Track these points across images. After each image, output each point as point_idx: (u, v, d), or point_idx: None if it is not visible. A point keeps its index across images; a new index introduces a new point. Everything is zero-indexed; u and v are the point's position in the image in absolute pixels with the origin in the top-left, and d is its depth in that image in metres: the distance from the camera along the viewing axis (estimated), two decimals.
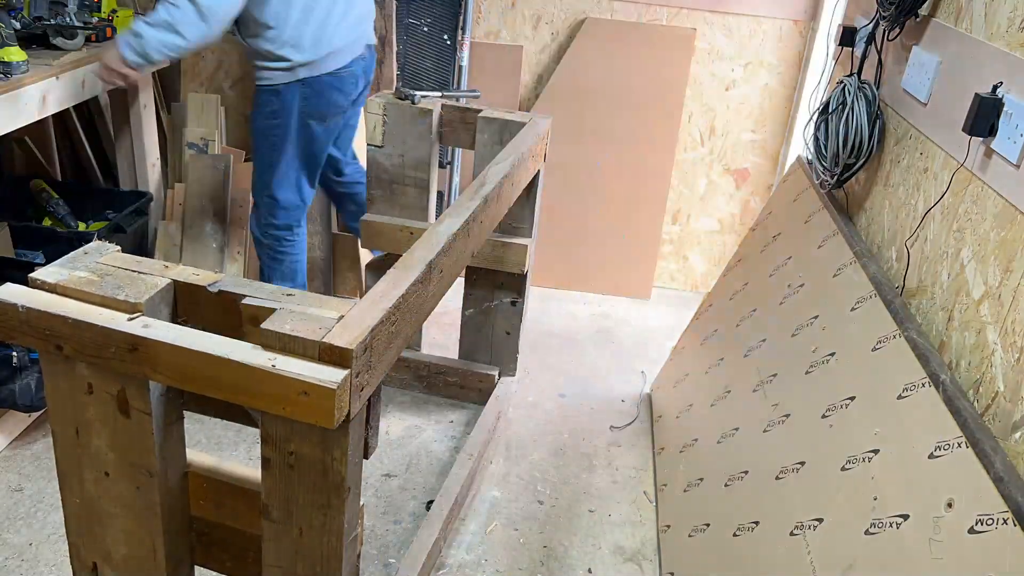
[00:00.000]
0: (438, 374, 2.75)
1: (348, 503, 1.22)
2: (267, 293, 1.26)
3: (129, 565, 1.35)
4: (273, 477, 1.22)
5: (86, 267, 1.25)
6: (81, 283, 1.19)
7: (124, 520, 1.32)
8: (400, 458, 2.43)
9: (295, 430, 1.16)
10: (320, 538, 1.24)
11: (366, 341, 1.15)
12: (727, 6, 3.15)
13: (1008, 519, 1.08)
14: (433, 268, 1.46)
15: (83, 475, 1.30)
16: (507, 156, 2.06)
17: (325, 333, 1.13)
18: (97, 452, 1.27)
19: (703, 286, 3.62)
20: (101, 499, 1.31)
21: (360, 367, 1.15)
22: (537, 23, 3.28)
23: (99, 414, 1.24)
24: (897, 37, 1.97)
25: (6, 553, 1.96)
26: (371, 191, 2.53)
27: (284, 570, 1.29)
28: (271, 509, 1.25)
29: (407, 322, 1.36)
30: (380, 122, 2.42)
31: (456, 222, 1.62)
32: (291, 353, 1.13)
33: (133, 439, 1.24)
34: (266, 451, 1.20)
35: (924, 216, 1.71)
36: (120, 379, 1.19)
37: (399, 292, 1.30)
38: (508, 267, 2.50)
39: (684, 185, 3.48)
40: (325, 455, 1.17)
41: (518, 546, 2.16)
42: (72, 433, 1.27)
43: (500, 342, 2.70)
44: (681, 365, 2.67)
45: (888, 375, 1.49)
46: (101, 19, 2.66)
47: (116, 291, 1.18)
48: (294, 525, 1.25)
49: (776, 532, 1.60)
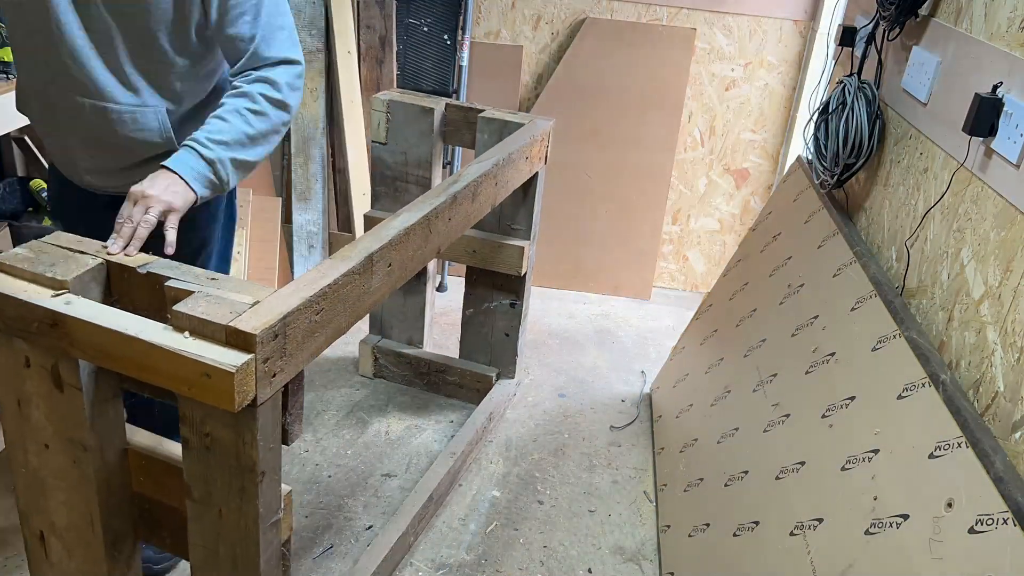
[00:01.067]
0: (439, 372, 2.75)
1: (263, 488, 1.23)
2: (193, 277, 1.28)
3: (71, 535, 1.39)
4: (192, 458, 1.25)
5: (31, 247, 1.27)
6: (17, 259, 1.22)
7: (64, 492, 1.35)
8: (400, 458, 2.43)
9: (209, 412, 1.19)
10: (238, 521, 1.26)
11: (276, 327, 1.17)
12: (727, 6, 3.15)
13: (1008, 519, 1.08)
14: (376, 260, 1.46)
15: (27, 446, 1.34)
16: (491, 155, 2.06)
17: (234, 318, 1.15)
18: (37, 425, 1.30)
19: (703, 286, 3.62)
20: (42, 470, 1.34)
21: (269, 353, 1.16)
22: (537, 23, 3.28)
23: (36, 388, 1.27)
24: (897, 37, 1.97)
25: (6, 553, 1.96)
26: (375, 187, 2.55)
27: (208, 550, 1.32)
28: (193, 489, 1.28)
29: (338, 312, 1.36)
30: (384, 119, 2.43)
31: (412, 217, 1.62)
32: (201, 336, 1.16)
33: (66, 414, 1.27)
34: (184, 431, 1.23)
35: (924, 216, 1.71)
36: (53, 354, 1.22)
37: (326, 281, 1.31)
38: (505, 268, 2.50)
39: (684, 185, 3.48)
40: (237, 439, 1.19)
41: (518, 546, 2.16)
42: (15, 405, 1.31)
43: (499, 343, 2.70)
44: (681, 365, 2.67)
45: (888, 375, 1.49)
46: None
47: (47, 268, 1.21)
48: (214, 506, 1.27)
49: (776, 532, 1.60)
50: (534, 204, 2.45)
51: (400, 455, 2.45)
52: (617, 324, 3.35)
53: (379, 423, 2.58)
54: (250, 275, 3.10)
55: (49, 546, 1.41)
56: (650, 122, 3.29)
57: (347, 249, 1.44)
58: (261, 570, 1.30)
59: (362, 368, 2.82)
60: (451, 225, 1.81)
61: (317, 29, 3.02)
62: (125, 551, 1.43)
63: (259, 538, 1.26)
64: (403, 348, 2.78)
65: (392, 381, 2.80)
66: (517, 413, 2.71)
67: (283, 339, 1.20)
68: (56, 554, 1.42)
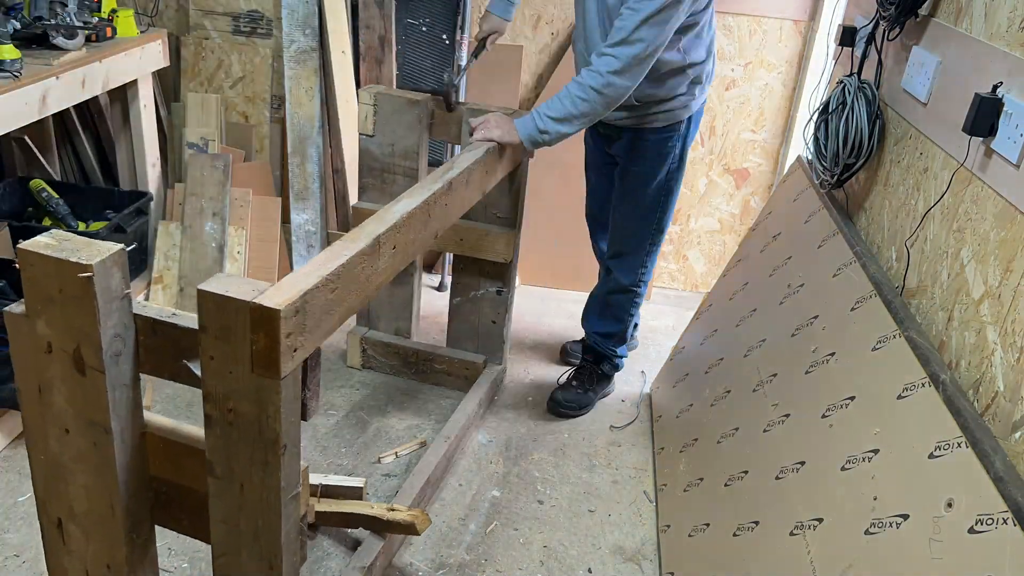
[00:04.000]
0: (426, 361, 2.78)
1: (285, 460, 1.29)
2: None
3: (90, 520, 1.41)
4: (215, 434, 1.29)
5: (52, 235, 1.30)
6: (40, 247, 1.26)
7: (84, 476, 1.37)
8: (400, 458, 2.43)
9: (233, 388, 1.24)
10: (260, 494, 1.31)
11: (297, 303, 1.23)
12: (727, 6, 3.14)
13: (1008, 519, 1.08)
14: (382, 243, 1.53)
15: (47, 432, 1.36)
16: (482, 144, 2.14)
17: (257, 295, 1.20)
18: (58, 409, 1.33)
19: (703, 286, 3.62)
20: (63, 455, 1.37)
21: (291, 328, 1.22)
22: (537, 23, 3.28)
23: (58, 372, 1.29)
24: (897, 37, 1.97)
25: (6, 553, 1.96)
26: (362, 179, 2.59)
27: (228, 525, 1.36)
28: (215, 466, 1.32)
29: (351, 291, 1.43)
30: (371, 112, 2.47)
31: (413, 202, 1.70)
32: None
33: (89, 397, 1.29)
34: (208, 408, 1.28)
35: (924, 216, 1.71)
36: (75, 337, 1.25)
37: (340, 261, 1.38)
38: (493, 256, 2.56)
39: (684, 185, 3.46)
40: (260, 412, 1.24)
41: (518, 546, 2.16)
42: (35, 391, 1.33)
43: (487, 330, 2.74)
44: (681, 365, 2.67)
45: (888, 375, 1.49)
46: (101, 19, 2.66)
47: (71, 254, 1.24)
48: (236, 481, 1.32)
49: (776, 532, 1.60)
50: (520, 192, 2.51)
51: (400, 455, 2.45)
52: None
53: (378, 421, 2.58)
54: (250, 275, 3.10)
55: (67, 532, 1.44)
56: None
57: (354, 232, 1.50)
58: (283, 542, 1.34)
59: (350, 359, 2.84)
60: (447, 211, 1.88)
61: (311, 28, 3.02)
62: (142, 535, 1.45)
63: (281, 510, 1.31)
64: (391, 338, 2.80)
65: (380, 372, 2.82)
66: (517, 412, 2.71)
67: (303, 315, 1.26)
68: (75, 540, 1.44)
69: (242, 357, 1.22)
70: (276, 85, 3.23)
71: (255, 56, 3.21)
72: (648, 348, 3.17)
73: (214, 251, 2.96)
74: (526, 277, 3.56)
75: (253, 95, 3.25)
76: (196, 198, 2.96)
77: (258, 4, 3.19)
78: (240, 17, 3.21)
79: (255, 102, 3.26)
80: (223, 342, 1.22)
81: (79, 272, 1.20)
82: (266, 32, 3.22)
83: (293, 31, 3.01)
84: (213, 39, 3.23)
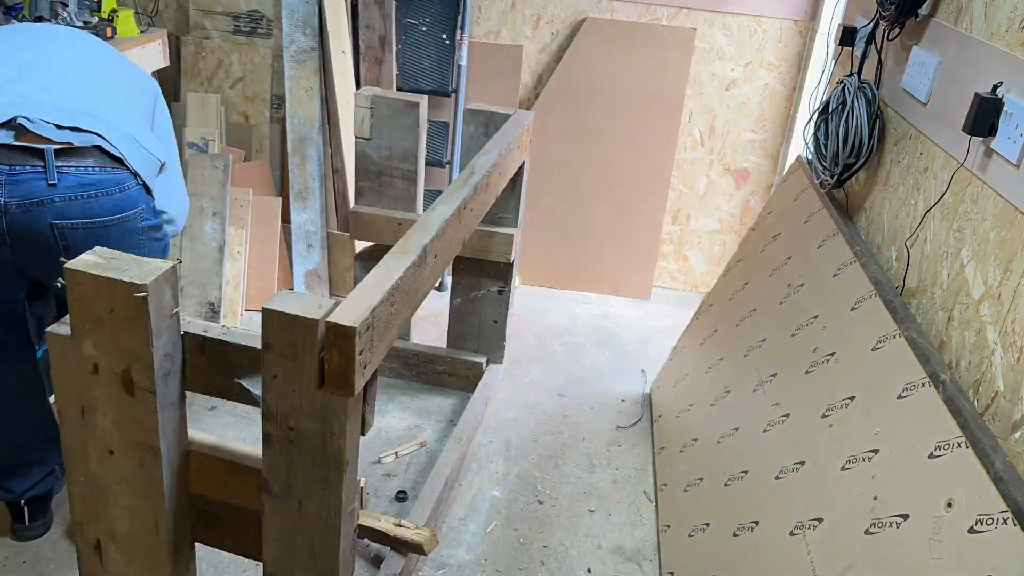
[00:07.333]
0: (427, 362, 2.78)
1: (346, 476, 1.27)
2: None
3: (132, 541, 1.39)
4: (274, 452, 1.27)
5: (97, 253, 1.27)
6: (89, 266, 1.23)
7: (127, 497, 1.35)
8: (400, 458, 2.43)
9: (295, 406, 1.22)
10: (319, 511, 1.29)
11: (368, 320, 1.20)
12: (727, 6, 3.15)
13: (1008, 519, 1.08)
14: (428, 252, 1.51)
15: (88, 453, 1.34)
16: (494, 146, 2.13)
17: (325, 312, 1.18)
18: (102, 431, 1.31)
19: (703, 286, 3.62)
20: (105, 477, 1.35)
21: (363, 344, 1.19)
22: (537, 23, 3.28)
23: (104, 393, 1.27)
24: (897, 37, 1.97)
25: (6, 553, 1.96)
26: (359, 182, 2.58)
27: (284, 544, 1.34)
28: (272, 484, 1.30)
29: (404, 303, 1.41)
30: (368, 115, 2.46)
31: (448, 209, 1.69)
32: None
33: (137, 417, 1.27)
34: (267, 427, 1.25)
35: (924, 216, 1.71)
36: (125, 358, 1.23)
37: (397, 274, 1.36)
38: (495, 256, 2.56)
39: (684, 185, 3.48)
40: (324, 429, 1.23)
41: (518, 546, 2.16)
42: (78, 413, 1.30)
43: (488, 330, 2.74)
44: (681, 365, 2.67)
45: (888, 375, 1.49)
46: (101, 19, 2.66)
47: (121, 273, 1.21)
48: (294, 499, 1.30)
49: (776, 532, 1.60)
50: (521, 192, 2.52)
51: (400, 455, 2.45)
52: (617, 324, 3.35)
53: (378, 421, 2.58)
54: (250, 274, 3.10)
55: (106, 554, 1.41)
56: (650, 122, 3.29)
57: (402, 244, 1.49)
58: (340, 559, 1.33)
59: None
60: (473, 215, 1.89)
61: (311, 28, 3.02)
62: (184, 554, 1.43)
63: (340, 527, 1.30)
64: None
65: (380, 374, 2.81)
66: (517, 413, 2.71)
67: (372, 331, 1.24)
68: (113, 562, 1.41)
69: (307, 375, 1.20)
70: (276, 85, 3.23)
71: (255, 56, 3.21)
72: (648, 348, 3.17)
73: (214, 251, 2.96)
74: (526, 277, 3.57)
75: (253, 95, 3.25)
76: (196, 198, 2.96)
77: (258, 4, 3.19)
78: (240, 17, 3.21)
79: (255, 102, 3.26)
80: (289, 360, 1.19)
81: (134, 292, 1.17)
82: (266, 32, 3.22)
83: (293, 31, 3.01)
84: (213, 39, 3.23)
